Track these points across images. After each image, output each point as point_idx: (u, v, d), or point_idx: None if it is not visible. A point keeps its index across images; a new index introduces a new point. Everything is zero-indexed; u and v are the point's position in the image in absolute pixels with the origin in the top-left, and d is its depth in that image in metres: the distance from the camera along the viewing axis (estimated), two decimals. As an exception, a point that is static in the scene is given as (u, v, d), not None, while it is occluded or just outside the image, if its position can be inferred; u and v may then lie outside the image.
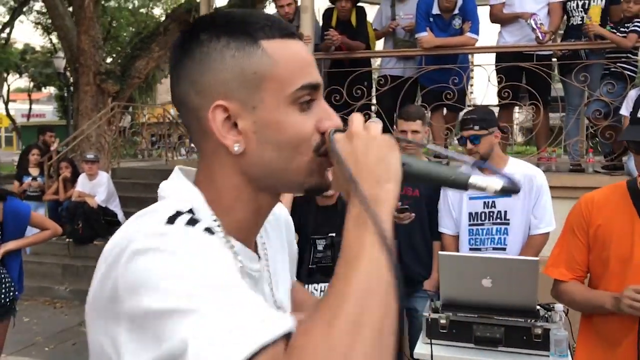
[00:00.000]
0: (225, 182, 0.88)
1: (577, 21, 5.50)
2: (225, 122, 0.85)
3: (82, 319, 6.44)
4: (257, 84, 0.84)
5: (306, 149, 0.86)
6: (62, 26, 13.19)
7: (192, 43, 0.86)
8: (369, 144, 0.81)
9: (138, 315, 0.70)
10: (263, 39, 0.84)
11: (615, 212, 2.08)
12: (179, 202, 0.83)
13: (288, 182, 0.89)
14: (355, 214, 0.77)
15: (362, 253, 0.72)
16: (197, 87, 0.85)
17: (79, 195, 8.01)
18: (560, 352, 2.66)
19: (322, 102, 0.90)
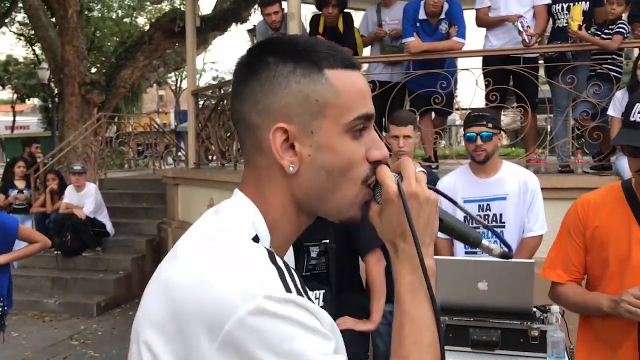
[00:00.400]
0: (276, 199, 0.93)
1: (562, 24, 5.54)
2: (283, 143, 0.89)
3: (72, 332, 6.37)
4: (319, 111, 0.89)
5: (354, 176, 0.92)
6: (46, 37, 13.11)
7: (258, 64, 0.91)
8: (423, 206, 0.92)
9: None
10: (327, 68, 0.89)
11: (612, 213, 2.09)
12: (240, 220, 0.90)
13: (330, 207, 0.94)
14: (410, 283, 0.92)
15: (429, 338, 0.89)
16: (260, 107, 0.90)
17: (66, 207, 7.95)
18: (558, 354, 2.66)
19: (372, 131, 0.95)
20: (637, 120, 1.91)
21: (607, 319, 2.08)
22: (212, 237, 0.87)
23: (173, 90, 33.79)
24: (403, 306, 0.90)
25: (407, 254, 0.92)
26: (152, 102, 35.93)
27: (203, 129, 7.83)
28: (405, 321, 0.90)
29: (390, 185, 0.91)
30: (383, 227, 0.94)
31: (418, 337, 0.88)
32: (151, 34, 13.24)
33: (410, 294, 0.90)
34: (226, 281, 0.79)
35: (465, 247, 3.25)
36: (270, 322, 0.76)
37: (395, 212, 0.91)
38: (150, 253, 8.29)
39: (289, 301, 0.78)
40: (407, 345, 0.88)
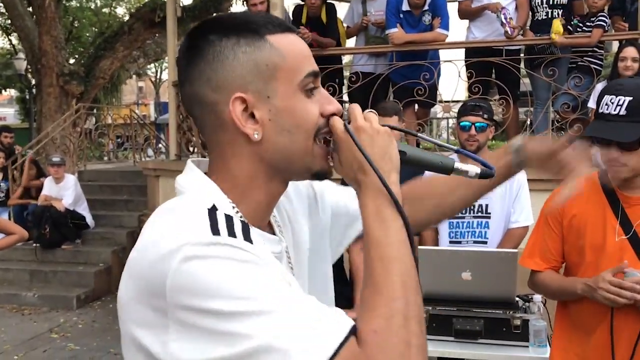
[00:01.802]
0: (243, 169, 0.95)
1: (542, 16, 5.59)
2: (243, 113, 0.91)
3: (51, 325, 6.31)
4: (270, 75, 0.92)
5: (313, 131, 0.95)
6: (23, 27, 12.89)
7: (202, 44, 0.93)
8: (374, 137, 0.93)
9: (197, 316, 0.76)
10: (268, 34, 0.92)
11: (588, 202, 2.12)
12: (200, 197, 0.91)
13: (299, 166, 0.96)
14: (374, 208, 0.91)
15: (394, 253, 0.87)
16: (214, 84, 0.92)
17: (45, 199, 7.84)
18: (540, 343, 2.69)
19: (322, 89, 0.98)
20: (604, 112, 1.93)
21: (582, 305, 2.11)
22: (161, 212, 0.91)
23: (153, 82, 33.47)
24: (368, 230, 0.90)
25: (368, 184, 0.92)
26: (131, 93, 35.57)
27: (184, 120, 7.76)
28: (371, 243, 0.89)
29: (338, 126, 0.95)
30: (343, 170, 0.96)
31: (382, 254, 0.87)
32: (131, 24, 13.10)
33: (373, 217, 0.90)
34: (159, 241, 0.82)
35: (449, 236, 3.27)
36: (198, 265, 0.77)
37: (348, 149, 0.93)
38: (131, 245, 8.03)
39: (215, 243, 0.80)
40: (372, 264, 0.87)
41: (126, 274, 0.87)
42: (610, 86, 2.04)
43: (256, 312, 0.76)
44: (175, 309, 0.78)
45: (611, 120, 1.91)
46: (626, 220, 2.03)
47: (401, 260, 0.87)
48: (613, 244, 2.03)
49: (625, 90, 1.92)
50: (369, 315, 0.83)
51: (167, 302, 0.78)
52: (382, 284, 0.85)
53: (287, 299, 0.79)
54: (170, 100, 8.22)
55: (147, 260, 0.82)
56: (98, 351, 5.50)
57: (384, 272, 0.86)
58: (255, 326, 0.75)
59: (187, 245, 0.79)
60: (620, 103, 1.90)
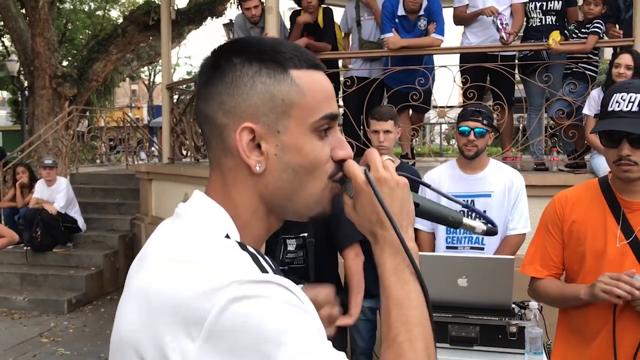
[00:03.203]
0: (243, 200, 0.92)
1: (535, 22, 5.61)
2: (250, 143, 0.90)
3: (42, 330, 6.25)
4: (285, 111, 0.90)
5: (320, 174, 0.93)
6: (16, 28, 12.82)
7: (224, 65, 0.91)
8: (394, 191, 0.93)
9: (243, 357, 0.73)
10: (292, 68, 0.90)
11: (589, 209, 2.11)
12: (211, 223, 0.89)
13: (298, 206, 0.94)
14: (394, 267, 0.91)
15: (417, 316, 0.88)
16: (226, 107, 0.90)
17: (36, 202, 7.78)
18: (536, 350, 2.67)
19: (337, 131, 0.96)
20: (614, 110, 1.94)
21: (583, 312, 2.10)
22: (181, 237, 0.86)
23: (146, 85, 33.41)
24: (388, 290, 0.90)
25: (386, 239, 0.92)
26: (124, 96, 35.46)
27: (178, 123, 7.74)
28: (392, 304, 0.89)
29: (359, 174, 0.92)
30: (359, 219, 0.95)
31: (405, 318, 0.87)
32: (125, 27, 13.06)
33: (394, 277, 0.90)
34: (199, 275, 0.77)
35: (446, 241, 3.25)
36: (251, 305, 0.74)
37: (367, 201, 0.92)
38: (123, 249, 8.16)
39: (267, 282, 0.77)
40: (395, 327, 0.87)
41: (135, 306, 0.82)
42: (619, 86, 2.03)
43: None
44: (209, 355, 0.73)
45: (623, 117, 1.91)
46: (627, 226, 2.02)
47: (423, 325, 0.88)
48: (614, 249, 2.02)
49: (635, 88, 1.94)
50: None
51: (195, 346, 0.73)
52: (407, 350, 0.85)
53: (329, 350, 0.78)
54: (164, 104, 8.19)
55: (178, 297, 0.76)
56: (88, 356, 5.45)
57: (409, 337, 0.86)
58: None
59: (235, 284, 0.75)
60: (632, 100, 1.91)
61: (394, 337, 0.87)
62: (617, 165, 1.97)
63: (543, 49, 5.32)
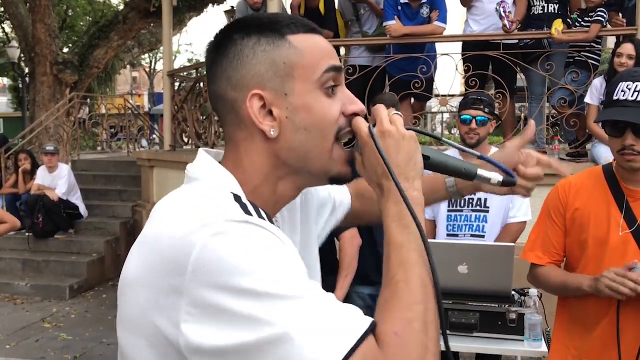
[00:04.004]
0: (255, 165, 0.95)
1: (538, 10, 5.58)
2: (261, 110, 0.93)
3: (44, 315, 6.28)
4: (288, 73, 0.93)
5: (333, 131, 0.95)
6: (16, 14, 12.75)
7: (225, 43, 0.96)
8: (399, 142, 0.93)
9: (221, 294, 0.75)
10: (289, 33, 0.94)
11: (592, 196, 2.10)
12: (218, 184, 0.92)
13: (315, 167, 0.96)
14: (396, 213, 0.91)
15: (415, 257, 0.88)
16: (233, 82, 0.94)
17: (38, 188, 7.80)
18: (535, 337, 2.70)
19: (344, 88, 0.98)
20: (619, 99, 1.92)
21: (584, 301, 2.09)
22: (185, 194, 0.91)
23: (147, 72, 33.29)
24: (389, 235, 0.92)
25: (390, 190, 0.93)
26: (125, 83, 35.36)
27: (179, 110, 7.73)
28: (392, 247, 0.90)
29: (363, 128, 0.94)
30: (366, 172, 0.96)
31: (403, 259, 0.88)
32: (125, 14, 12.99)
33: (395, 222, 0.91)
34: (186, 218, 0.82)
35: (447, 229, 3.26)
36: (230, 241, 0.77)
37: (372, 154, 0.93)
38: (124, 236, 8.19)
39: (247, 222, 0.80)
40: (394, 267, 0.88)
41: (137, 251, 0.87)
42: (625, 74, 2.01)
43: (282, 296, 0.76)
44: (195, 287, 0.76)
45: (628, 106, 1.90)
46: (630, 214, 2.01)
47: (421, 266, 0.88)
48: (616, 237, 2.01)
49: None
50: (390, 317, 0.84)
51: (184, 279, 0.77)
52: (403, 288, 0.86)
53: (311, 289, 0.80)
54: (165, 91, 8.17)
55: (167, 235, 0.81)
56: (90, 341, 5.48)
57: (405, 276, 0.87)
58: (278, 312, 0.75)
59: (219, 221, 0.79)
60: (637, 89, 1.89)
61: (392, 276, 0.88)
62: (621, 155, 1.95)
63: (545, 37, 5.30)
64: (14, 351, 5.28)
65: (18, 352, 5.26)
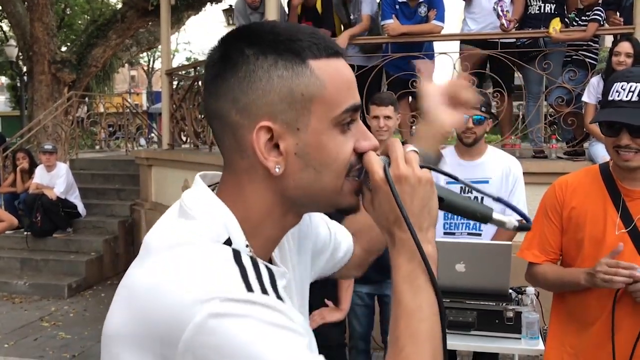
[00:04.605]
0: (258, 202, 0.87)
1: (535, 10, 5.59)
2: (267, 143, 0.83)
3: (42, 314, 6.29)
4: (305, 106, 0.82)
5: (344, 171, 0.87)
6: (14, 13, 12.74)
7: (236, 57, 0.83)
8: (415, 188, 0.85)
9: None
10: (311, 58, 0.82)
11: (589, 195, 2.11)
12: (214, 227, 0.83)
13: (323, 202, 0.89)
14: (409, 273, 0.84)
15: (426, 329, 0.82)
16: (240, 105, 0.83)
17: (36, 187, 7.80)
18: (532, 335, 2.71)
19: (360, 122, 0.89)
20: (615, 99, 1.93)
21: (581, 298, 2.10)
22: (177, 241, 0.81)
23: (145, 71, 33.28)
24: (399, 297, 0.84)
25: (403, 242, 0.85)
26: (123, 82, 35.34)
27: (177, 109, 7.73)
28: (401, 313, 0.83)
29: (377, 170, 0.85)
30: (377, 216, 0.88)
31: (414, 330, 0.82)
32: (124, 12, 12.98)
33: (407, 284, 0.84)
34: (182, 286, 0.74)
35: (444, 227, 3.27)
36: (229, 324, 0.71)
37: (385, 199, 0.85)
38: (123, 234, 8.19)
39: (249, 301, 0.73)
40: (403, 338, 0.82)
41: (125, 309, 0.79)
42: (620, 74, 2.02)
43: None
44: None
45: (623, 107, 1.90)
46: (627, 214, 2.01)
47: (433, 338, 0.82)
48: (613, 237, 2.01)
49: (636, 77, 1.92)
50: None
51: (176, 353, 0.71)
52: (411, 354, 0.81)
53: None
54: (164, 90, 8.17)
55: (159, 303, 0.74)
56: (89, 340, 5.49)
57: (415, 350, 0.81)
58: None
59: (217, 300, 0.72)
60: (632, 89, 1.89)
61: (402, 347, 0.82)
62: (617, 154, 1.96)
63: (543, 36, 5.31)
64: (13, 350, 5.29)
65: (17, 351, 5.26)
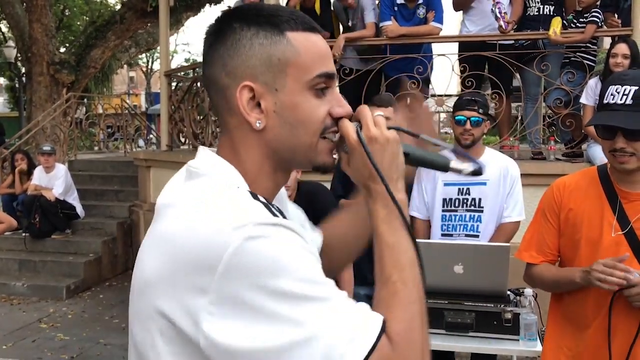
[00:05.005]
0: (250, 156, 0.99)
1: (534, 12, 5.60)
2: (250, 101, 0.96)
3: (41, 315, 6.28)
4: (281, 69, 0.95)
5: (317, 130, 0.99)
6: (13, 14, 12.75)
7: (225, 30, 0.98)
8: (384, 146, 0.97)
9: (255, 294, 0.79)
10: (288, 30, 0.96)
11: (586, 197, 2.11)
12: (227, 179, 0.95)
13: (300, 158, 1.00)
14: (386, 215, 0.96)
15: (407, 259, 0.93)
16: (228, 69, 0.97)
17: (35, 189, 7.79)
18: (530, 336, 2.71)
19: (335, 90, 1.02)
20: (610, 102, 1.94)
21: (578, 299, 2.11)
22: (198, 190, 0.92)
23: (144, 72, 33.27)
24: (380, 237, 0.96)
25: (378, 192, 0.97)
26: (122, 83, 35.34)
27: (176, 110, 7.73)
28: (384, 248, 0.94)
29: (351, 134, 0.97)
30: (354, 174, 1.01)
31: (397, 260, 0.93)
32: (122, 14, 13.00)
33: (385, 225, 0.96)
34: (216, 219, 0.84)
35: (442, 229, 3.28)
36: (263, 244, 0.80)
37: (359, 158, 0.97)
38: (121, 236, 8.18)
39: (278, 224, 0.84)
40: (388, 269, 0.93)
41: (154, 250, 0.89)
42: (615, 77, 2.02)
43: (314, 298, 0.81)
44: (227, 287, 0.79)
45: (618, 110, 1.91)
46: (624, 216, 2.02)
47: (413, 266, 0.93)
48: (609, 239, 2.02)
49: (631, 80, 1.92)
50: (393, 316, 0.88)
51: (213, 279, 0.80)
52: (401, 288, 0.91)
53: (334, 290, 0.84)
54: (162, 91, 8.17)
55: (193, 235, 0.83)
56: (87, 341, 5.49)
57: (400, 276, 0.92)
58: (310, 313, 0.80)
59: (250, 225, 0.82)
60: (626, 92, 1.90)
61: (388, 277, 0.92)
62: (613, 157, 1.97)
63: (542, 38, 5.32)
64: (11, 352, 5.28)
65: (15, 352, 5.26)
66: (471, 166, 1.05)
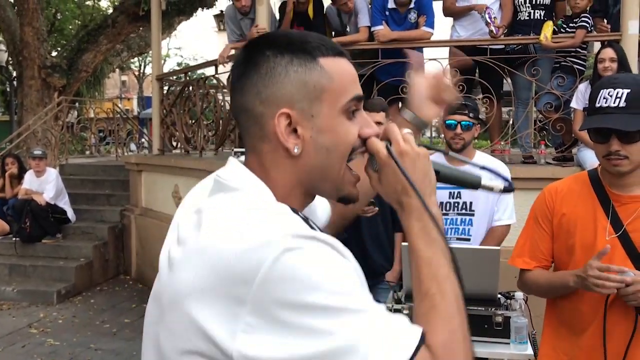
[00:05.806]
0: (282, 180, 1.01)
1: (524, 16, 5.64)
2: (287, 128, 0.98)
3: (31, 321, 6.23)
4: (317, 96, 0.98)
5: (347, 152, 1.02)
6: (4, 17, 12.69)
7: (257, 58, 1.00)
8: (415, 161, 1.00)
9: (290, 308, 0.80)
10: (320, 56, 0.99)
11: (578, 201, 2.11)
12: (261, 196, 0.97)
13: (329, 185, 1.03)
14: (421, 229, 0.98)
15: (445, 272, 0.94)
16: (263, 97, 0.98)
17: (26, 193, 7.75)
18: (520, 339, 2.71)
19: (363, 112, 1.06)
20: (602, 106, 1.94)
21: (573, 304, 2.11)
22: (235, 203, 0.94)
23: (136, 76, 33.17)
24: (416, 251, 0.97)
25: (412, 206, 1.00)
26: (114, 87, 35.21)
27: (168, 114, 7.71)
28: (422, 263, 0.96)
29: (381, 149, 1.01)
30: (385, 190, 1.04)
31: (435, 273, 0.94)
32: (115, 17, 12.95)
33: (421, 239, 0.98)
34: (255, 230, 0.85)
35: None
36: (301, 256, 0.82)
37: (391, 173, 1.01)
38: (113, 240, 8.15)
39: (316, 238, 0.85)
40: (426, 282, 0.94)
41: (191, 263, 0.88)
42: (605, 81, 2.02)
43: (351, 310, 0.82)
44: (263, 299, 0.80)
45: (611, 113, 1.91)
46: (617, 219, 2.02)
47: (452, 279, 0.95)
48: (603, 242, 2.01)
49: (622, 83, 1.93)
50: (434, 329, 0.89)
51: (250, 290, 0.81)
52: (440, 301, 0.92)
53: (371, 302, 0.86)
54: (154, 95, 8.16)
55: (235, 248, 0.84)
56: (78, 347, 5.45)
57: (439, 289, 0.93)
58: (348, 325, 0.81)
59: (289, 237, 0.83)
60: (619, 95, 1.90)
61: (426, 290, 0.94)
62: (607, 160, 1.97)
63: (533, 42, 5.35)
64: (1, 357, 5.25)
65: (4, 358, 5.22)
66: (501, 184, 1.07)
